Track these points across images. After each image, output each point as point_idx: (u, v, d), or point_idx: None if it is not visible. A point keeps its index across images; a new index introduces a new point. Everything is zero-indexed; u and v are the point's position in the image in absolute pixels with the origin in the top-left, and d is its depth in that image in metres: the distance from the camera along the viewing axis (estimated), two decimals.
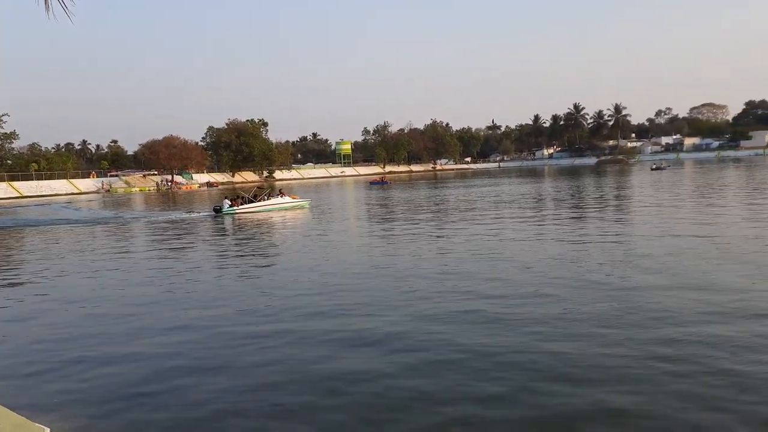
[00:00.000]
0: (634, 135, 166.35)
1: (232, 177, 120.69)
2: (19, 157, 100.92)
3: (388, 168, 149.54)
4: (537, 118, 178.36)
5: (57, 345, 8.78)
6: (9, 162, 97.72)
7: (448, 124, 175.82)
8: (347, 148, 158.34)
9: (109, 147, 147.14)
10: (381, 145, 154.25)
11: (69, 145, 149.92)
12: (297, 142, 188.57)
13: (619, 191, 38.33)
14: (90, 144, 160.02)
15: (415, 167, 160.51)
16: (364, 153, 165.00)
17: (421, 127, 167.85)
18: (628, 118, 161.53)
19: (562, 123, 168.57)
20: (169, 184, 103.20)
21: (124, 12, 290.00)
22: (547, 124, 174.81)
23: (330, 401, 6.24)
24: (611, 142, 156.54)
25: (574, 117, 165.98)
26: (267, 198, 34.18)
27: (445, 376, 6.69)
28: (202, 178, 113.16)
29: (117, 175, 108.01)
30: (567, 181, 56.87)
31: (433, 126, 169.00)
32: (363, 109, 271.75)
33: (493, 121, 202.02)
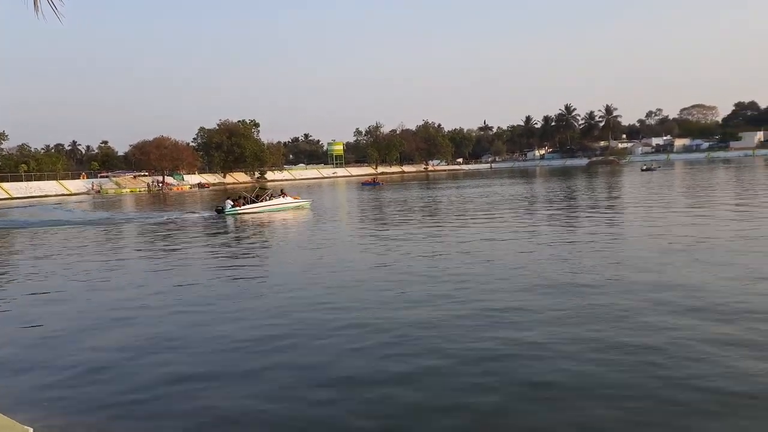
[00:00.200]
0: (624, 136, 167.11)
1: (224, 178, 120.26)
2: (8, 158, 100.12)
3: (380, 169, 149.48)
4: (528, 119, 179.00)
5: (42, 345, 8.70)
6: None
7: (440, 125, 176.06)
8: (339, 148, 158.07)
9: (99, 148, 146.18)
10: (373, 146, 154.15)
11: (59, 146, 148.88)
12: (289, 142, 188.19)
13: (609, 192, 38.55)
14: (80, 145, 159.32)
15: (407, 168, 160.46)
16: (356, 154, 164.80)
17: (413, 128, 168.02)
18: (619, 119, 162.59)
19: (553, 124, 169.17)
20: (160, 185, 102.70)
21: (115, 12, 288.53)
22: (538, 125, 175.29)
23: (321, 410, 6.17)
24: (602, 143, 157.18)
25: (566, 118, 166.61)
26: (269, 198, 34.32)
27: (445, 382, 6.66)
28: (194, 179, 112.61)
29: (107, 176, 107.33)
30: (558, 182, 57.05)
31: (425, 127, 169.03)
32: (355, 111, 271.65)
33: (484, 122, 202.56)
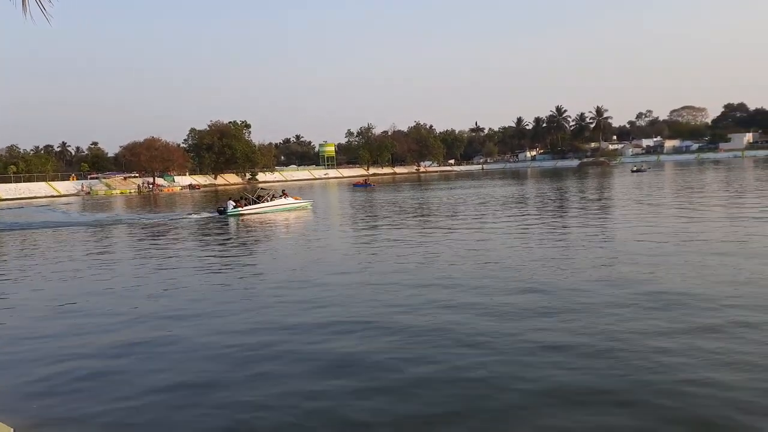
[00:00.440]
0: (615, 137, 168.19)
1: (215, 179, 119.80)
2: None
3: (372, 170, 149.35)
4: (520, 120, 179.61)
5: (25, 345, 8.64)
6: None
7: (431, 126, 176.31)
8: (331, 150, 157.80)
9: (89, 149, 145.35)
10: (365, 147, 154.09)
11: (48, 147, 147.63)
12: (280, 144, 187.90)
13: (600, 193, 38.72)
14: (70, 146, 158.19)
15: (398, 169, 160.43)
16: (347, 155, 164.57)
17: (405, 129, 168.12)
18: (610, 120, 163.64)
19: (544, 125, 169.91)
20: (151, 186, 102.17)
21: (106, 13, 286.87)
22: (529, 127, 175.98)
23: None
24: (593, 145, 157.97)
25: (557, 119, 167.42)
26: (270, 199, 34.52)
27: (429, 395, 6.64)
28: (184, 180, 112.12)
29: (97, 178, 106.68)
30: (550, 183, 57.28)
31: (417, 128, 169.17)
32: (347, 112, 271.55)
33: (476, 124, 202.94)
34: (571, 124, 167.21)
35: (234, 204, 32.46)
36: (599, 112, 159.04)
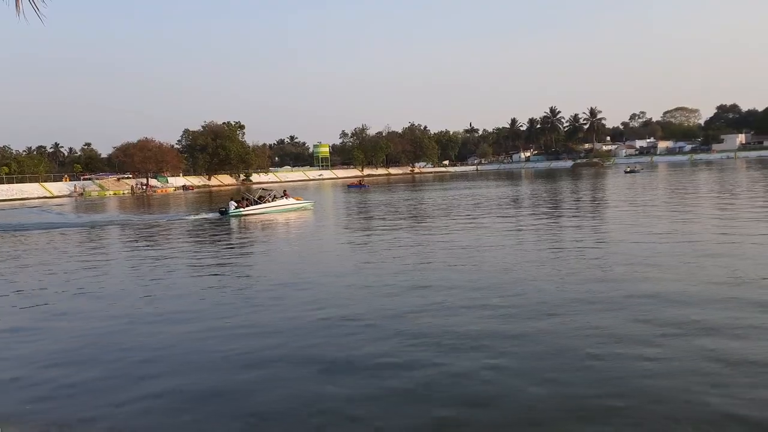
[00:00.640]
0: (609, 138, 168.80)
1: (209, 180, 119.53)
2: None
3: (366, 171, 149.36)
4: (514, 121, 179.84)
5: (17, 346, 8.57)
6: None
7: (426, 127, 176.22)
8: (325, 151, 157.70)
9: (82, 150, 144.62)
10: (359, 148, 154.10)
11: (41, 148, 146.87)
12: (274, 145, 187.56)
13: (594, 194, 38.87)
14: (62, 147, 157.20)
15: (393, 170, 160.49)
16: (342, 156, 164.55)
17: (399, 130, 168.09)
18: (603, 121, 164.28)
19: (538, 126, 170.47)
20: (144, 187, 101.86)
21: (99, 13, 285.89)
22: (524, 128, 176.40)
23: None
24: (587, 146, 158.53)
25: (551, 120, 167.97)
26: (272, 200, 34.66)
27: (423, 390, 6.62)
28: (178, 181, 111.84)
29: (90, 179, 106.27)
30: (544, 184, 57.41)
31: (411, 129, 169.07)
32: (341, 113, 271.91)
33: (470, 125, 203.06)
34: (564, 125, 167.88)
35: (236, 204, 32.65)
36: (593, 113, 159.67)
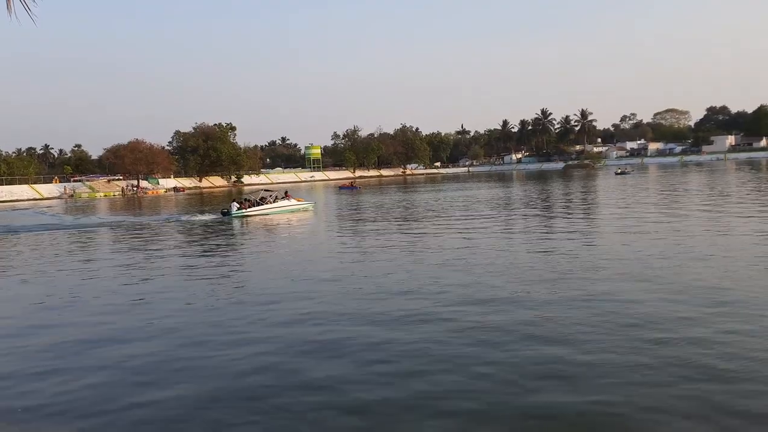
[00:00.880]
0: (600, 140, 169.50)
1: (200, 182, 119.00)
2: None
3: (358, 172, 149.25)
4: (505, 123, 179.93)
5: (11, 347, 8.50)
6: None
7: (417, 129, 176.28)
8: (317, 152, 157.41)
9: (72, 152, 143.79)
10: (351, 150, 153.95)
11: (30, 149, 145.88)
12: (266, 146, 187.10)
13: (585, 195, 39.04)
14: (52, 148, 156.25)
15: (385, 172, 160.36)
16: (334, 157, 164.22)
17: (391, 132, 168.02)
18: (594, 123, 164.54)
19: (530, 128, 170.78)
20: (135, 189, 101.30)
21: (92, 13, 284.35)
22: (515, 130, 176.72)
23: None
24: (578, 147, 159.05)
25: (542, 122, 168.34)
26: (273, 201, 35.19)
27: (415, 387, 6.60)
28: (169, 183, 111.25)
29: (81, 180, 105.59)
30: (535, 185, 57.59)
31: (403, 130, 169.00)
32: (333, 114, 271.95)
33: (462, 126, 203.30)
34: (556, 126, 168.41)
35: (238, 206, 33.15)
36: (584, 114, 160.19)
